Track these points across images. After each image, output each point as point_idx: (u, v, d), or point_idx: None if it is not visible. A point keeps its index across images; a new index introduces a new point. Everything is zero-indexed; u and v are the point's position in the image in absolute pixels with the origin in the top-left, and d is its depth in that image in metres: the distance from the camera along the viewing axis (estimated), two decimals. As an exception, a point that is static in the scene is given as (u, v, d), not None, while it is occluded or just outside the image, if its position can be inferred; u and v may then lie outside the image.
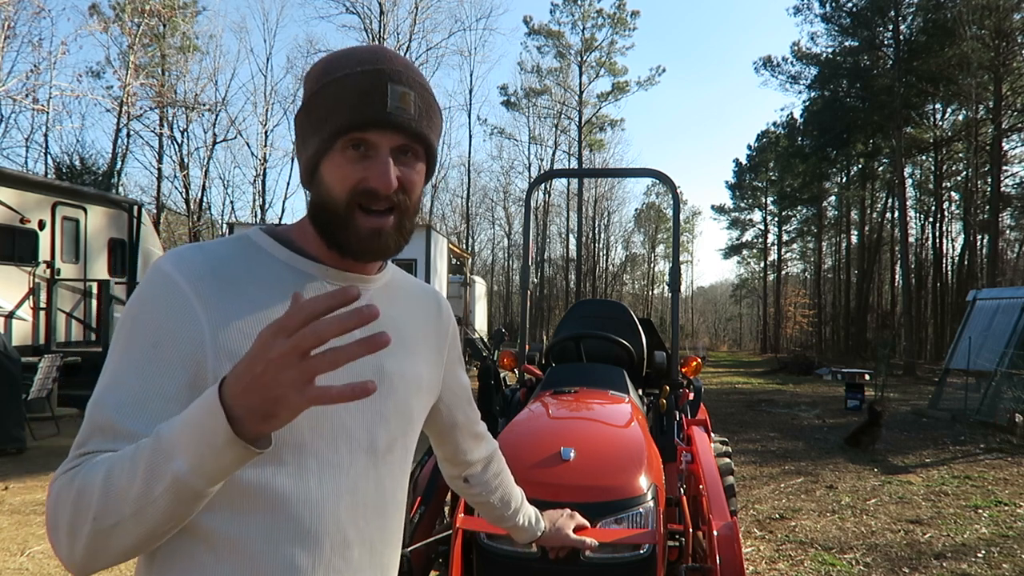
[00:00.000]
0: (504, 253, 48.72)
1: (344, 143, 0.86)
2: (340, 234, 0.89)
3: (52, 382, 7.76)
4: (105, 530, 0.70)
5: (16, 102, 19.77)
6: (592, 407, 2.69)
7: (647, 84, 40.16)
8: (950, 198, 31.81)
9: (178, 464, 0.67)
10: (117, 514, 0.70)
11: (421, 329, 1.05)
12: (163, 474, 0.67)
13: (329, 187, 0.88)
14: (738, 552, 1.86)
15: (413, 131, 0.88)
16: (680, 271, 3.55)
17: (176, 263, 0.84)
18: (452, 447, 1.23)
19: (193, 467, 0.67)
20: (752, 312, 55.92)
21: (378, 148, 0.87)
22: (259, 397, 0.65)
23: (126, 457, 0.71)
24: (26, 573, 3.93)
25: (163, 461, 0.68)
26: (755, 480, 6.64)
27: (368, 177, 0.86)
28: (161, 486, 0.68)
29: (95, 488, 0.70)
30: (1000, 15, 21.85)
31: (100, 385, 0.80)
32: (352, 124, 0.85)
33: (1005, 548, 4.69)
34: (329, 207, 0.88)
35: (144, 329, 0.81)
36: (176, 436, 0.68)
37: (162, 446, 0.68)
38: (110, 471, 0.71)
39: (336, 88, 0.86)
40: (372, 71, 0.86)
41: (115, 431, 0.76)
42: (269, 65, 51.20)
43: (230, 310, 0.83)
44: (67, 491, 0.73)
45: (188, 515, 0.72)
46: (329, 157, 0.87)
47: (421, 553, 2.31)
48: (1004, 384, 9.86)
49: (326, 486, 0.87)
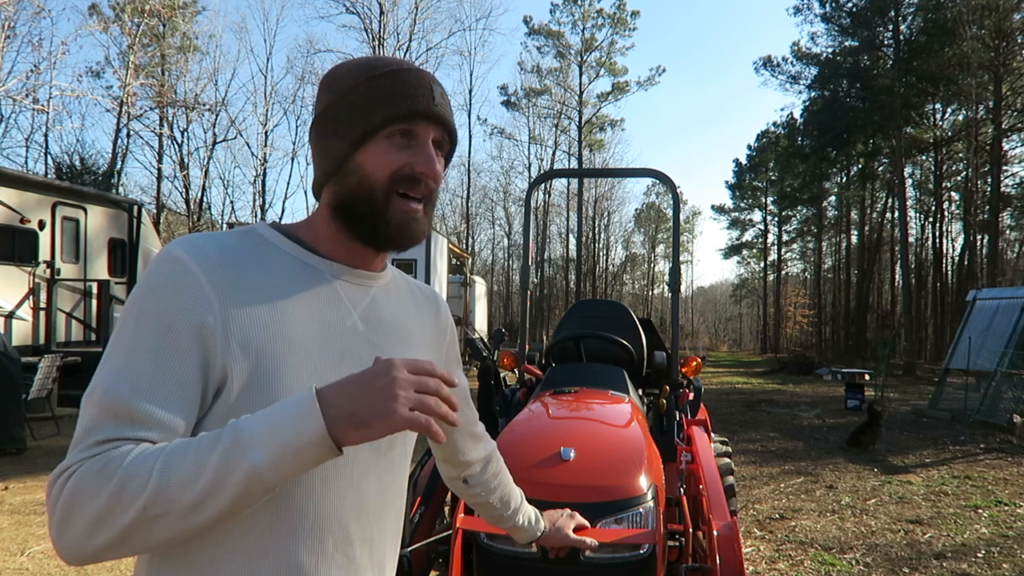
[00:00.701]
0: (504, 253, 48.77)
1: (392, 131, 0.90)
2: (375, 219, 0.92)
3: (52, 382, 7.76)
4: (151, 519, 0.70)
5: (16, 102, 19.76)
6: (592, 407, 2.69)
7: (647, 84, 40.17)
8: (950, 198, 31.81)
9: (256, 457, 0.70)
10: (171, 504, 0.70)
11: (421, 328, 1.06)
12: (237, 466, 0.70)
13: (369, 173, 0.91)
14: (738, 552, 1.86)
15: (451, 126, 0.96)
16: (680, 271, 3.55)
17: (187, 249, 0.84)
18: (451, 448, 1.23)
19: (272, 461, 0.70)
20: (752, 312, 55.92)
21: (422, 139, 0.93)
22: (365, 406, 0.72)
23: (190, 447, 0.72)
24: (26, 573, 3.93)
25: (239, 454, 0.70)
26: (755, 480, 6.64)
27: (414, 163, 0.91)
28: (233, 478, 0.70)
29: (148, 476, 0.70)
30: (1000, 15, 21.85)
31: (109, 369, 0.79)
32: (406, 112, 0.90)
33: (1005, 548, 4.69)
34: (366, 192, 0.91)
35: (156, 313, 0.80)
36: (257, 431, 0.71)
37: (241, 439, 0.71)
38: (168, 460, 0.71)
39: (385, 82, 0.91)
40: (417, 71, 0.94)
41: (132, 416, 0.76)
42: (269, 65, 51.20)
43: (240, 297, 0.84)
44: (97, 480, 0.71)
45: (242, 511, 0.74)
46: (372, 144, 0.91)
47: (421, 553, 2.31)
48: (1004, 384, 9.85)
49: (329, 483, 0.88)
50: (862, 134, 28.95)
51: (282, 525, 0.84)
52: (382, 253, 0.98)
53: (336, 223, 0.94)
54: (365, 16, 30.52)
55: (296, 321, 0.87)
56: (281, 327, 0.85)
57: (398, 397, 0.72)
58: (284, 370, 0.84)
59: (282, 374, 0.84)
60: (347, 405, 0.72)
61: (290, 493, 0.84)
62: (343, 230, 0.93)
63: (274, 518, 0.84)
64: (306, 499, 0.85)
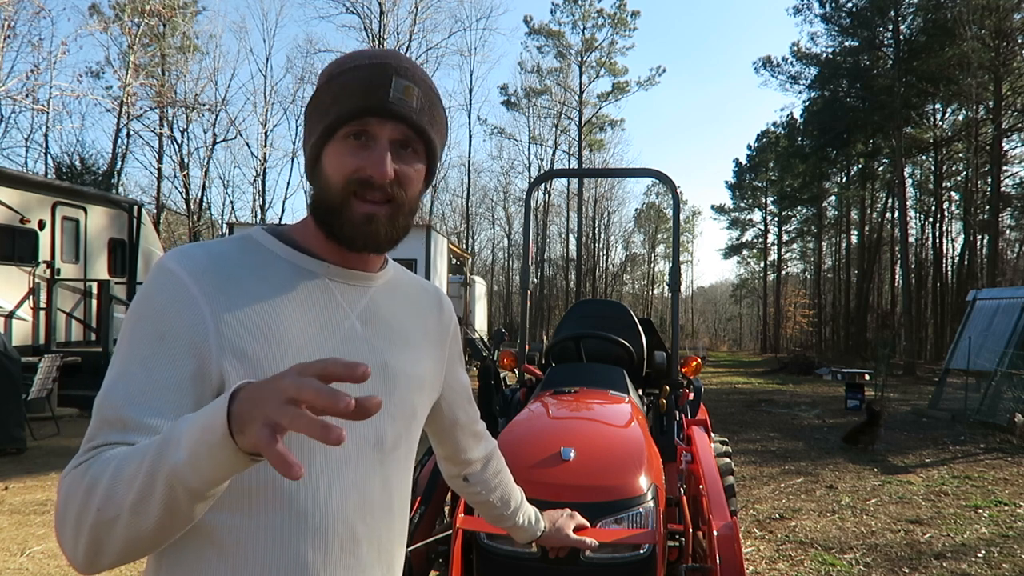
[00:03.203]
0: (504, 253, 48.75)
1: (345, 132, 0.88)
2: (335, 222, 0.90)
3: (52, 382, 7.75)
4: (106, 523, 0.69)
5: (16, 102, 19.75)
6: (592, 407, 2.69)
7: (647, 84, 40.17)
8: (950, 198, 31.80)
9: (178, 455, 0.65)
10: (118, 506, 0.68)
11: (423, 326, 1.05)
12: (164, 465, 0.66)
13: (328, 176, 0.90)
14: (738, 552, 1.86)
15: (413, 122, 0.89)
16: (680, 271, 3.55)
17: (178, 259, 0.85)
18: (452, 445, 1.23)
19: (189, 459, 0.64)
20: (752, 312, 55.91)
21: (377, 138, 0.89)
22: (247, 409, 0.63)
23: (138, 449, 0.71)
24: (26, 573, 3.92)
25: (168, 452, 0.66)
26: (755, 480, 6.64)
27: (365, 166, 0.88)
28: (161, 477, 0.66)
29: (104, 478, 0.70)
30: (1000, 15, 21.85)
31: (108, 379, 0.81)
32: (353, 112, 0.87)
33: (1005, 548, 4.69)
34: (327, 195, 0.90)
35: (149, 323, 0.82)
36: (185, 429, 0.66)
37: (171, 437, 0.67)
38: (121, 462, 0.70)
39: (344, 80, 0.88)
40: (379, 64, 0.89)
41: (124, 423, 0.77)
42: (269, 65, 51.24)
43: (232, 304, 0.84)
44: (77, 484, 0.72)
45: (182, 519, 0.69)
46: (330, 146, 0.89)
47: (421, 553, 2.31)
48: (1004, 384, 9.85)
49: (334, 483, 0.87)
50: (862, 134, 28.95)
51: (288, 527, 0.84)
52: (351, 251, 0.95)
53: (316, 220, 0.94)
54: (365, 16, 30.54)
55: (292, 325, 0.87)
56: (276, 331, 0.85)
57: (265, 408, 0.61)
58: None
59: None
60: (240, 405, 0.64)
61: (294, 494, 0.84)
62: (321, 230, 0.93)
63: (279, 519, 0.84)
64: (311, 500, 0.85)
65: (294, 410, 0.59)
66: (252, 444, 0.62)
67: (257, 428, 0.61)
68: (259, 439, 0.60)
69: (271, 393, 0.61)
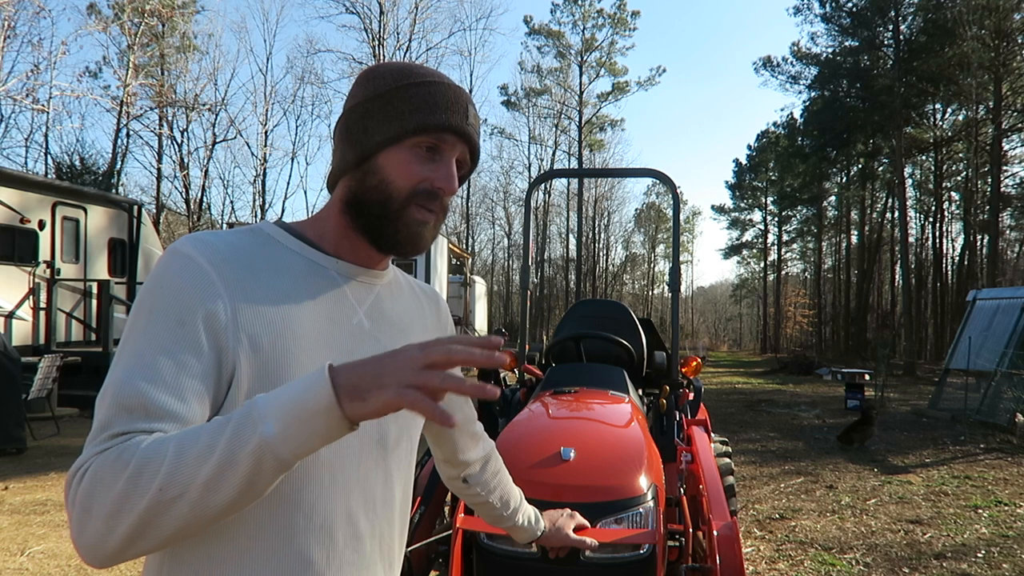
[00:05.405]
0: (504, 253, 48.76)
1: (418, 141, 0.91)
2: (388, 224, 0.92)
3: (52, 382, 7.75)
4: (165, 502, 0.68)
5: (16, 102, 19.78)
6: (592, 407, 2.69)
7: (647, 84, 40.16)
8: (950, 198, 31.80)
9: (267, 428, 0.68)
10: (186, 483, 0.68)
11: (423, 325, 1.07)
12: (249, 437, 0.68)
13: (391, 178, 0.92)
14: (738, 552, 1.86)
15: (476, 147, 0.97)
16: (680, 271, 3.55)
17: (196, 245, 0.85)
18: (450, 447, 1.23)
19: (281, 431, 0.68)
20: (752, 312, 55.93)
21: (445, 155, 0.93)
22: (368, 378, 0.70)
23: (204, 428, 0.71)
24: (26, 573, 3.93)
25: (251, 427, 0.69)
26: (755, 480, 6.64)
27: (436, 178, 0.92)
28: (246, 450, 0.68)
29: (163, 458, 0.69)
30: (1000, 15, 21.83)
31: (122, 366, 0.78)
32: (439, 124, 0.91)
33: (1005, 548, 4.69)
34: (383, 195, 0.92)
35: (168, 308, 0.80)
36: (269, 404, 0.70)
37: (253, 413, 0.70)
38: (182, 441, 0.70)
39: (424, 90, 0.92)
40: (457, 88, 0.95)
41: (147, 410, 0.75)
42: (269, 65, 51.34)
43: (249, 294, 0.84)
44: (112, 470, 0.70)
45: (258, 492, 0.71)
46: (395, 150, 0.91)
47: (421, 553, 2.31)
48: (1004, 384, 9.85)
49: (337, 479, 0.88)
50: (862, 134, 28.94)
51: (292, 523, 0.84)
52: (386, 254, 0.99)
53: (346, 217, 0.95)
54: (365, 16, 30.51)
55: (304, 318, 0.88)
56: (289, 324, 0.86)
57: (396, 374, 0.69)
58: (292, 366, 0.85)
59: (290, 370, 0.84)
60: (353, 378, 0.70)
61: (299, 490, 0.85)
62: (351, 225, 0.94)
63: (284, 516, 0.84)
64: (314, 496, 0.86)
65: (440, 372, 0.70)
66: (381, 408, 0.70)
67: (393, 393, 0.69)
68: (402, 401, 0.69)
69: (402, 363, 0.70)
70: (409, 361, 0.70)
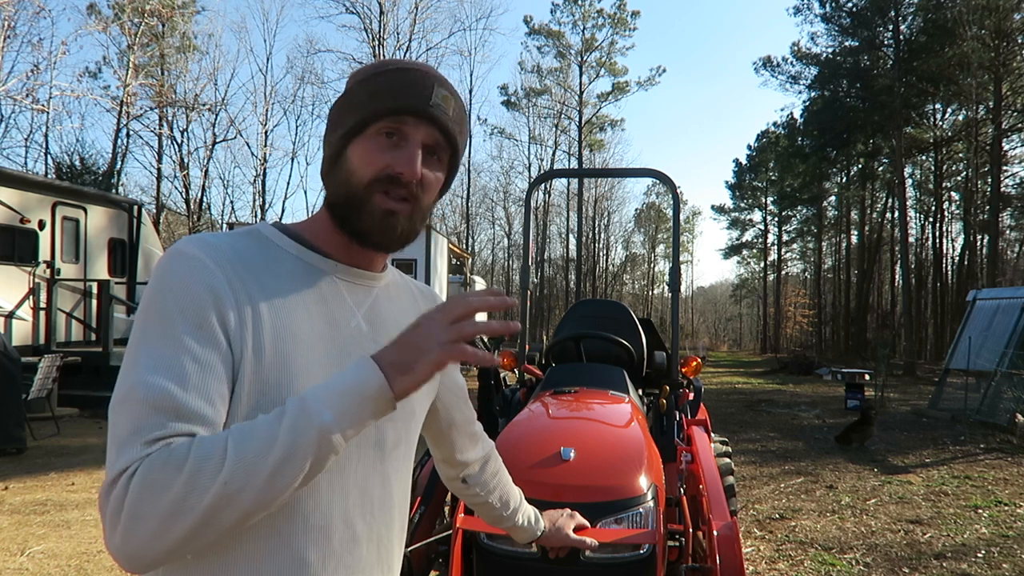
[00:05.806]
0: (504, 253, 48.75)
1: (379, 128, 0.90)
2: (355, 215, 0.91)
3: (52, 382, 7.75)
4: (231, 496, 0.70)
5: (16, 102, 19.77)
6: (592, 407, 2.69)
7: (647, 84, 40.16)
8: (950, 198, 31.79)
9: (326, 416, 0.73)
10: (250, 476, 0.71)
11: None
12: (308, 428, 0.73)
13: (354, 168, 0.91)
14: (738, 552, 1.86)
15: (447, 129, 0.92)
16: (680, 271, 3.55)
17: (201, 247, 0.85)
18: (449, 447, 1.23)
19: (337, 418, 0.74)
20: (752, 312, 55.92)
21: (410, 138, 0.91)
22: (407, 352, 0.77)
23: (255, 424, 0.74)
24: (26, 573, 3.92)
25: (307, 418, 0.73)
26: (755, 480, 6.64)
27: (395, 164, 0.90)
28: (307, 439, 0.73)
29: (222, 454, 0.71)
30: (1000, 15, 21.82)
31: (142, 370, 0.76)
32: (392, 109, 0.89)
33: (1005, 548, 4.69)
34: (350, 188, 0.91)
35: (185, 310, 0.80)
36: (320, 396, 0.75)
37: (306, 406, 0.74)
38: (238, 438, 0.72)
39: (384, 79, 0.90)
40: (423, 71, 0.92)
41: (178, 412, 0.75)
42: (269, 65, 51.39)
43: (254, 298, 0.85)
44: (162, 473, 0.70)
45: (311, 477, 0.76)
46: (359, 141, 0.91)
47: (421, 553, 2.31)
48: (1004, 384, 9.85)
49: (335, 482, 0.88)
50: (862, 134, 28.93)
51: (289, 525, 0.84)
52: (378, 252, 0.98)
53: (331, 217, 0.94)
54: (365, 16, 30.53)
55: (304, 321, 0.88)
56: (290, 326, 0.86)
57: (431, 337, 0.77)
58: (293, 369, 0.85)
59: (291, 372, 0.84)
60: (394, 356, 0.77)
61: (295, 494, 0.84)
62: (335, 224, 0.94)
63: (281, 518, 0.83)
64: (311, 499, 0.85)
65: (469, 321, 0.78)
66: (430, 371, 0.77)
67: (436, 354, 0.76)
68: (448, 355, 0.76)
69: (431, 327, 0.78)
70: (436, 323, 0.77)
